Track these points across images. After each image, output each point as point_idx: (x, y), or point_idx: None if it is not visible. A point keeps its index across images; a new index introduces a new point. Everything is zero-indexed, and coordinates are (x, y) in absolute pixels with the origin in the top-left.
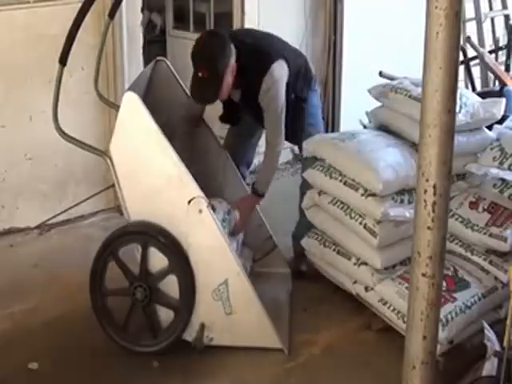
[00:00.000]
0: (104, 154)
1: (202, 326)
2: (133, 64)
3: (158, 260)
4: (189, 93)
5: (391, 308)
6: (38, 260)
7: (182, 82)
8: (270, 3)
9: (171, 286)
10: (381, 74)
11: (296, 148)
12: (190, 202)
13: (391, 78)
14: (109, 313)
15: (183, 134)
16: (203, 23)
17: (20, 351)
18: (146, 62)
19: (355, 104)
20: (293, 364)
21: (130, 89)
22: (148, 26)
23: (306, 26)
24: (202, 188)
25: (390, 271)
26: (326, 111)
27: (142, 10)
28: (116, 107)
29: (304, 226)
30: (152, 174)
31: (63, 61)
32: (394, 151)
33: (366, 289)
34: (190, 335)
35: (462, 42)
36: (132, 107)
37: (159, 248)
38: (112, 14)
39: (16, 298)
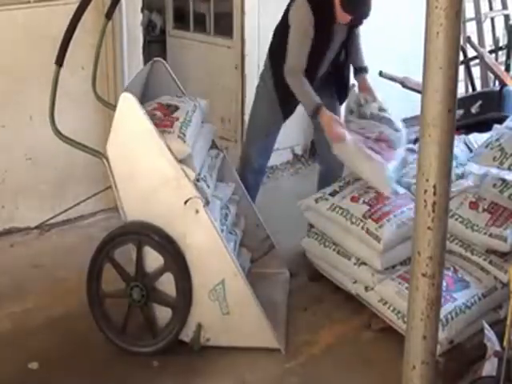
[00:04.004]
0: (100, 154)
1: (199, 327)
2: (133, 64)
3: (153, 259)
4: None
5: (391, 308)
6: (38, 260)
7: (179, 83)
8: (270, 3)
9: (168, 284)
10: (381, 73)
11: (296, 148)
12: (186, 202)
13: (391, 78)
14: (107, 315)
15: None
16: (203, 23)
17: (20, 351)
18: (146, 62)
19: None
20: (293, 364)
21: (126, 90)
22: (148, 26)
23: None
24: None
25: (390, 271)
26: None
27: (142, 10)
28: (113, 108)
29: None
30: (148, 174)
31: (60, 61)
32: None
33: (366, 289)
34: (186, 335)
35: (462, 42)
36: (128, 108)
37: (153, 247)
38: (109, 15)
39: (16, 298)
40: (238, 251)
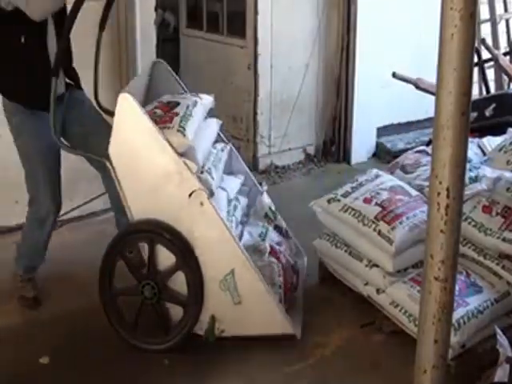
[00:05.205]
0: (103, 158)
1: (213, 318)
2: (146, 62)
3: (165, 257)
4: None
5: (403, 311)
6: (50, 255)
7: (180, 80)
8: (284, 3)
9: (179, 282)
10: (394, 75)
11: (308, 148)
12: (190, 195)
13: (405, 80)
14: (119, 312)
15: None
16: (216, 23)
17: (31, 346)
18: None
19: (368, 104)
20: (304, 365)
21: (125, 90)
22: (161, 25)
23: (319, 26)
24: None
25: (401, 274)
26: (339, 110)
27: (156, 9)
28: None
29: None
30: (151, 172)
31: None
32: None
33: (378, 291)
34: (200, 329)
35: (476, 44)
36: (127, 108)
37: (166, 245)
38: (102, 26)
39: None
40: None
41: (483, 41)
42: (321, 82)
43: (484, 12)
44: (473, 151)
